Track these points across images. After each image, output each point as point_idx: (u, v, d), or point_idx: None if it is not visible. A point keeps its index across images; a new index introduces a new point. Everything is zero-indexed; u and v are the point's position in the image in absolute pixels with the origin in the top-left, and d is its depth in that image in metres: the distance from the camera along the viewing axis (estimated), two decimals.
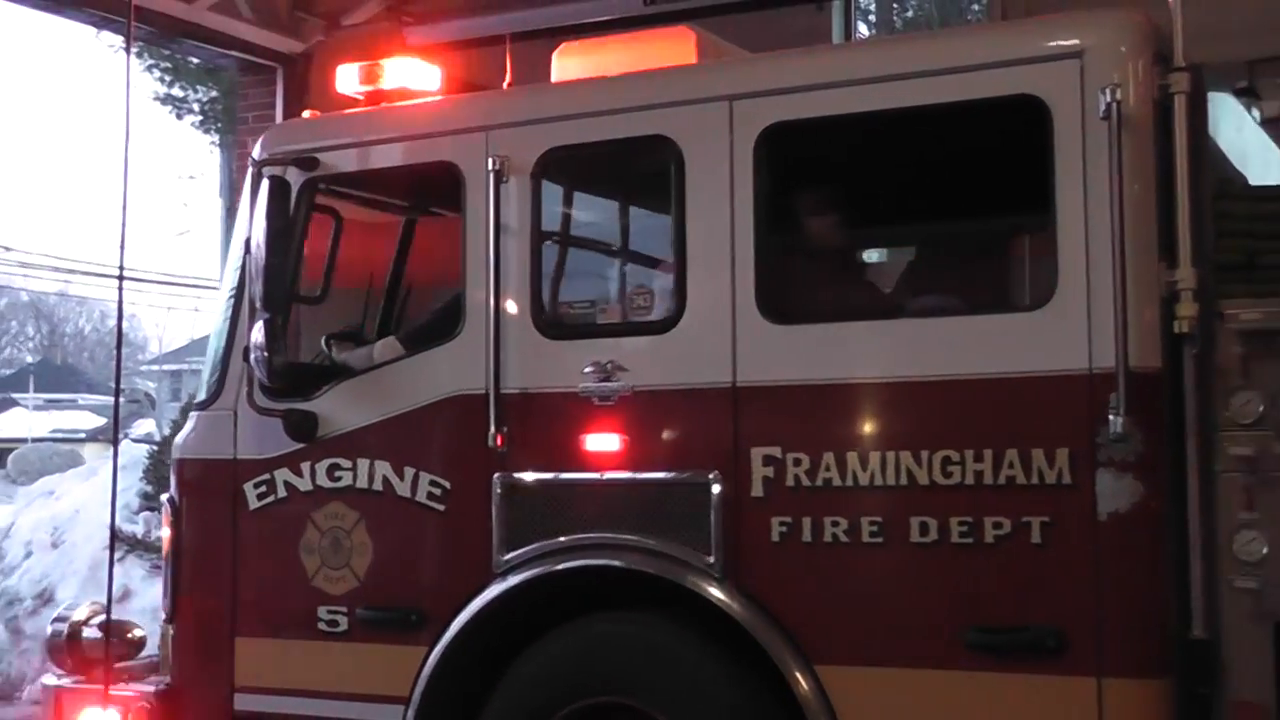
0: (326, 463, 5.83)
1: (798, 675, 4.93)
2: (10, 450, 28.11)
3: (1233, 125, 5.19)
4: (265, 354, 5.63)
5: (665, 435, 5.25)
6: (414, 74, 6.13)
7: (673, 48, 5.76)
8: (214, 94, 20.17)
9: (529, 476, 5.44)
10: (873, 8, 16.11)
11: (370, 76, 6.15)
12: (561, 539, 5.34)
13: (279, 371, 5.67)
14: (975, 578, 4.78)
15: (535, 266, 5.49)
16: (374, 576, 5.73)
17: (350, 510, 5.80)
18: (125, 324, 5.62)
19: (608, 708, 5.31)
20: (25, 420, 47.01)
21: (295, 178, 5.88)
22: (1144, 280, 4.66)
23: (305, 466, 5.86)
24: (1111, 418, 4.54)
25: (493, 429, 5.42)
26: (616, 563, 5.22)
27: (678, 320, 5.22)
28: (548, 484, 5.41)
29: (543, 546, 5.36)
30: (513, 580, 5.40)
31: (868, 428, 4.95)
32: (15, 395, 51.93)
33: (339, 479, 5.82)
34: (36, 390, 51.76)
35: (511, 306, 5.49)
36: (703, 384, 5.16)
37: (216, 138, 20.59)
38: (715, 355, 5.14)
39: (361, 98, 6.20)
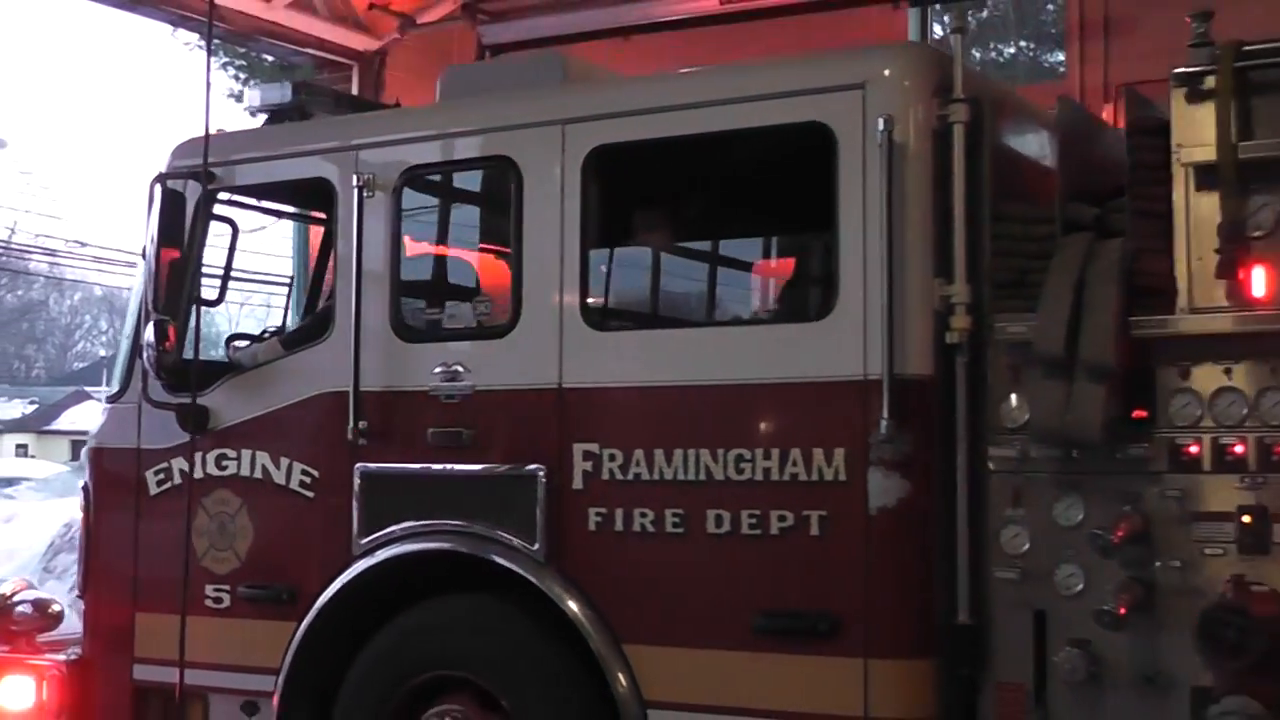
0: (215, 453, 6.22)
1: (606, 654, 5.26)
2: (84, 442, 28.90)
3: None
4: (155, 352, 6.04)
5: (502, 431, 5.59)
6: None
7: (544, 70, 6.11)
8: None
9: (385, 467, 5.80)
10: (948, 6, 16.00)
11: None
12: (410, 524, 5.71)
13: (168, 368, 6.08)
14: (762, 566, 5.08)
15: (394, 275, 5.85)
16: (253, 557, 6.12)
17: (235, 496, 6.18)
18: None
19: (452, 680, 5.68)
20: (98, 413, 48.10)
21: (194, 190, 6.30)
22: (919, 294, 4.94)
23: (197, 456, 6.26)
24: (880, 421, 4.86)
25: (352, 424, 5.81)
26: (448, 546, 5.58)
27: (513, 326, 5.55)
28: (401, 474, 5.77)
29: (394, 532, 5.73)
30: (367, 562, 5.78)
31: (672, 427, 5.26)
32: (88, 389, 53.03)
33: (225, 467, 6.20)
34: (109, 383, 52.92)
35: (373, 312, 5.84)
36: (533, 385, 5.50)
37: None
38: (544, 359, 5.47)
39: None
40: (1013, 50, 16.36)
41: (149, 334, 6.02)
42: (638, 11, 9.60)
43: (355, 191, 5.83)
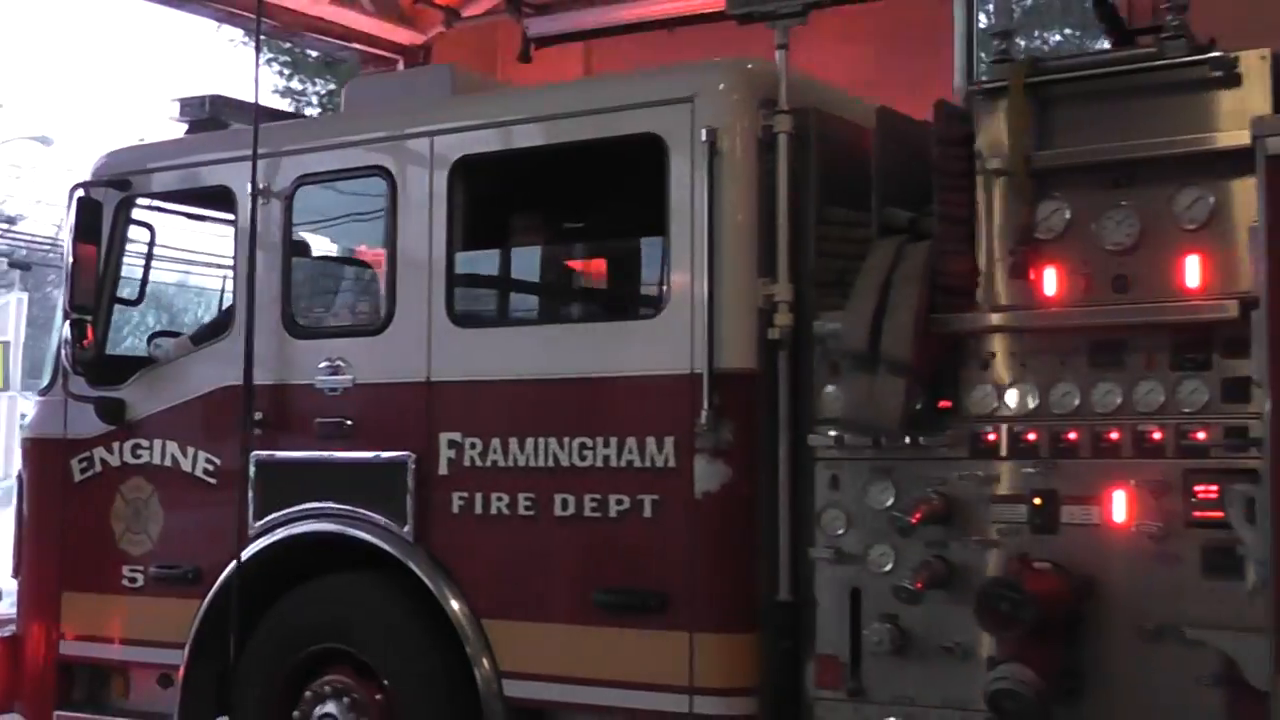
0: (131, 442, 6.60)
1: (466, 628, 5.60)
2: None
3: None
4: (70, 348, 6.42)
5: (378, 422, 5.93)
6: None
7: (432, 81, 6.44)
8: (332, 87, 20.29)
9: (277, 455, 6.16)
10: None
11: None
12: (299, 508, 6.06)
13: (83, 363, 6.46)
14: (602, 547, 5.41)
15: (286, 276, 6.20)
16: (164, 540, 6.49)
17: (148, 483, 6.55)
18: None
19: (336, 652, 6.02)
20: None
21: (112, 197, 6.67)
22: (743, 293, 5.24)
23: (115, 445, 6.63)
24: (702, 412, 5.17)
25: (246, 415, 6.16)
26: (329, 529, 5.93)
27: (388, 324, 5.90)
28: (290, 461, 6.13)
29: (284, 515, 6.09)
30: (260, 543, 6.14)
31: (525, 417, 5.58)
32: None
33: (140, 456, 6.57)
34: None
35: (267, 310, 6.20)
36: (405, 379, 5.84)
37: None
38: (415, 355, 5.81)
39: None
40: (1058, 38, 16.30)
41: (65, 332, 6.41)
42: (683, 3, 9.43)
43: (250, 198, 6.21)
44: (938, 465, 5.06)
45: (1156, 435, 4.75)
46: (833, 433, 5.19)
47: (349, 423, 5.93)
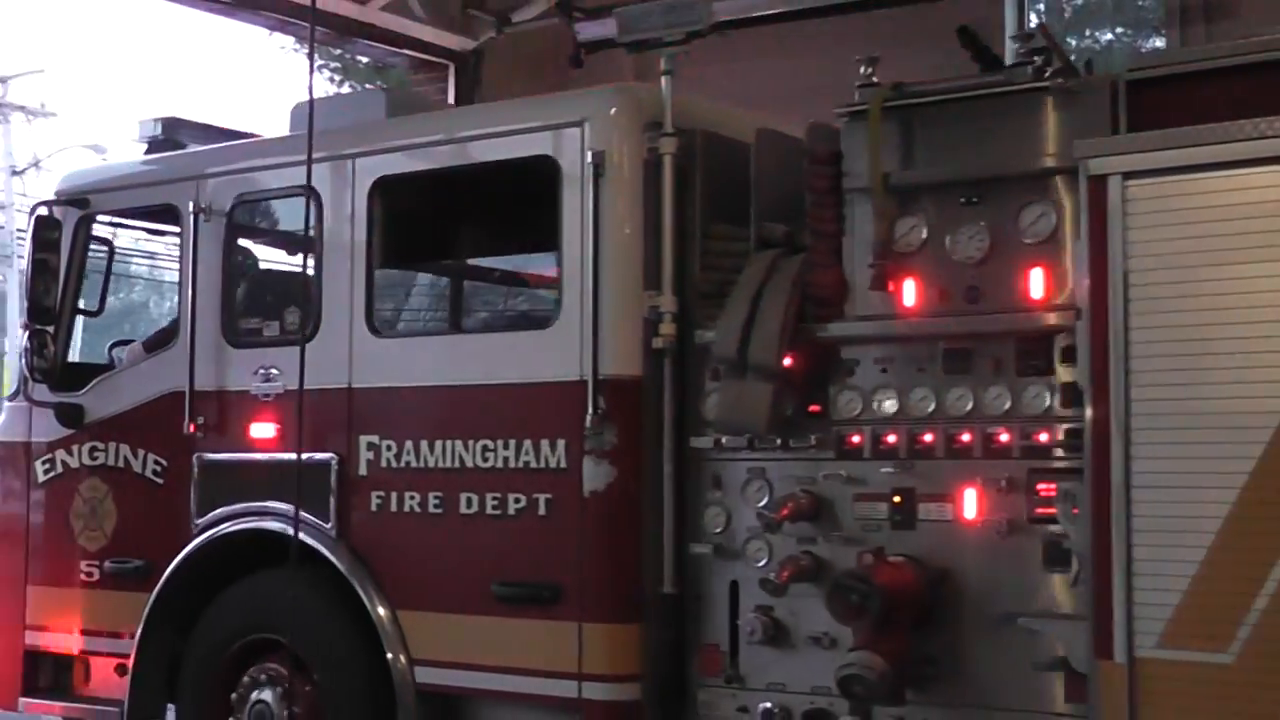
0: (89, 445, 6.98)
1: (383, 618, 5.93)
2: None
3: None
4: (29, 357, 6.82)
5: (308, 425, 6.26)
6: None
7: (369, 105, 6.78)
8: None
9: (216, 456, 6.52)
10: None
11: None
12: (236, 506, 6.42)
13: (41, 372, 6.85)
14: (501, 542, 5.73)
15: (226, 290, 6.57)
16: (118, 537, 6.87)
17: (103, 483, 6.93)
18: None
19: (270, 642, 6.36)
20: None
21: (71, 215, 7.06)
22: (629, 305, 5.55)
23: (75, 448, 7.01)
24: (587, 416, 5.47)
25: (188, 419, 6.53)
26: (260, 525, 6.28)
27: (315, 334, 6.24)
28: (228, 462, 6.49)
29: (222, 513, 6.45)
30: (201, 539, 6.50)
31: (434, 421, 5.91)
32: None
33: (96, 458, 6.95)
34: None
35: (208, 321, 6.57)
36: (329, 385, 6.17)
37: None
38: (338, 363, 6.14)
39: None
40: (1109, 37, 16.26)
41: (24, 342, 6.81)
42: (737, 5, 9.59)
43: (193, 216, 6.58)
44: (807, 466, 5.35)
45: (1003, 437, 5.02)
46: (713, 435, 5.52)
47: (279, 427, 6.29)
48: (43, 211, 6.90)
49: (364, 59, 15.98)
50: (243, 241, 6.71)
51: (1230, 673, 4.35)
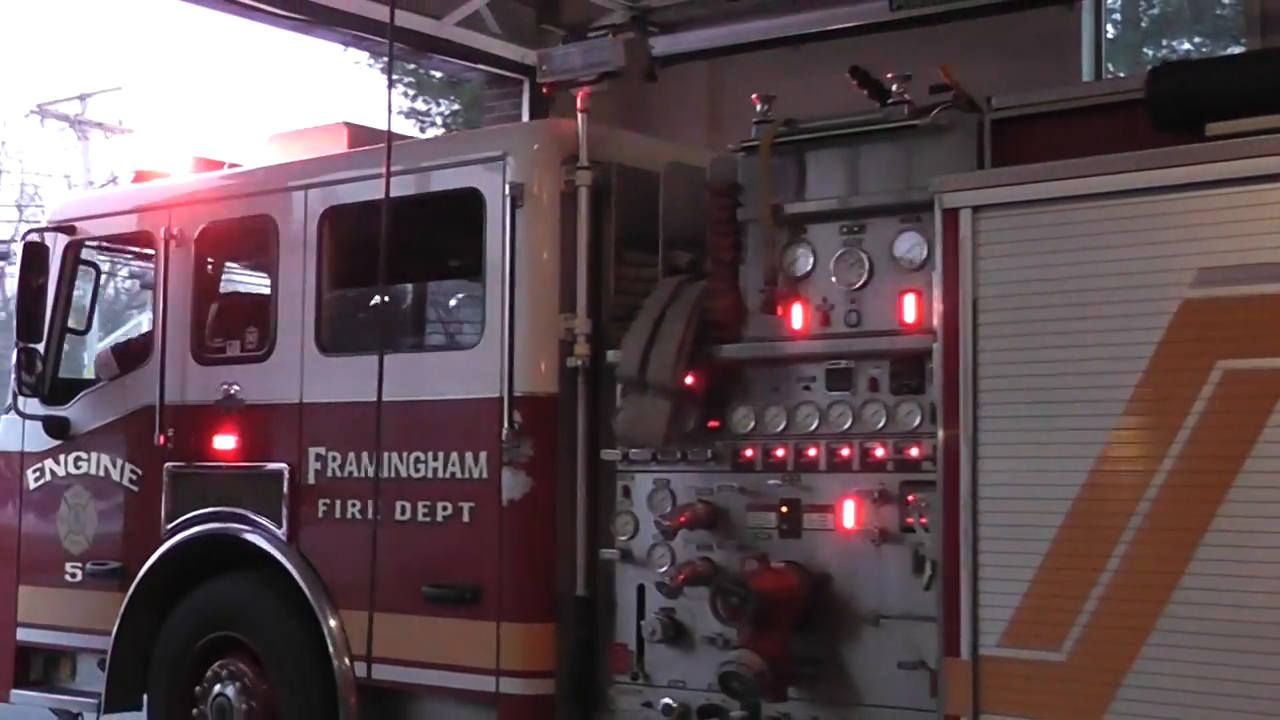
0: (74, 455, 7.47)
1: (328, 617, 6.35)
2: None
3: None
4: (18, 373, 7.32)
5: (263, 437, 6.72)
6: None
7: (330, 140, 7.22)
8: (456, 107, 20.33)
9: (183, 466, 6.98)
10: (1118, 6, 14.61)
11: None
12: (201, 512, 6.87)
13: (29, 387, 7.35)
14: (431, 547, 6.15)
15: (196, 311, 7.04)
16: (98, 541, 7.36)
17: (86, 491, 7.42)
18: None
19: (231, 639, 6.80)
20: None
21: (60, 240, 7.56)
22: (546, 327, 5.94)
23: (61, 458, 7.51)
24: (503, 430, 5.87)
25: (158, 431, 7.00)
26: (219, 529, 6.72)
27: (270, 353, 6.68)
28: (195, 471, 6.95)
29: (188, 518, 6.90)
30: (169, 543, 6.96)
31: (372, 434, 6.31)
32: None
33: (80, 467, 7.45)
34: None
35: (177, 341, 7.03)
36: (283, 400, 6.62)
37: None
38: (290, 379, 6.59)
39: None
40: (1188, 47, 16.07)
41: (14, 359, 7.32)
42: (806, 20, 9.38)
43: (164, 243, 7.05)
44: (705, 477, 5.72)
45: (879, 452, 5.36)
46: (621, 449, 5.89)
47: (239, 439, 6.74)
48: (33, 238, 7.42)
49: (438, 74, 15.99)
50: (210, 267, 7.18)
51: (1062, 669, 4.66)
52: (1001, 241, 4.88)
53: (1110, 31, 11.50)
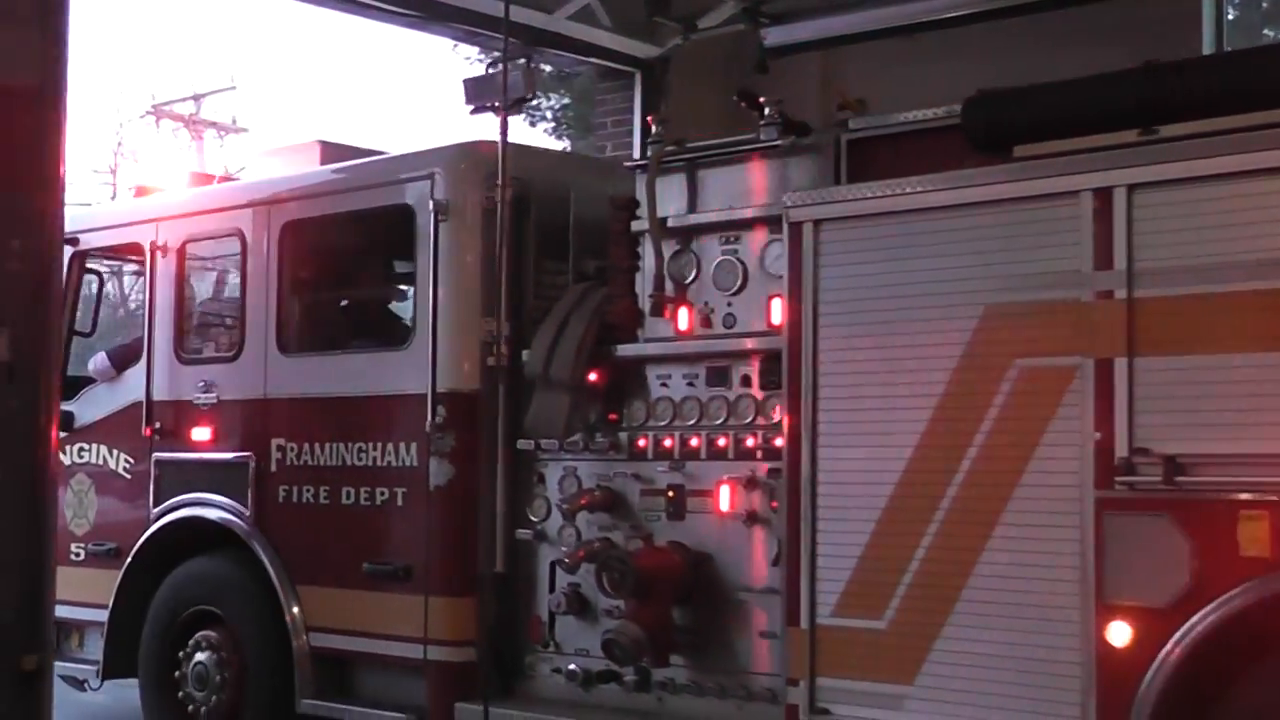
0: (78, 445, 8.27)
1: (284, 593, 7.06)
2: None
3: None
4: None
5: (234, 429, 7.45)
6: None
7: (305, 157, 7.93)
8: (566, 101, 20.54)
9: (168, 455, 7.73)
10: None
11: None
12: (183, 497, 7.62)
13: None
14: (370, 529, 6.84)
15: (179, 315, 7.79)
16: (97, 523, 8.15)
17: (88, 478, 8.22)
18: None
19: (210, 613, 7.54)
20: None
21: (66, 251, 8.31)
22: (469, 329, 6.58)
23: (67, 448, 8.30)
24: (428, 423, 6.52)
25: (145, 424, 7.76)
26: (194, 514, 7.45)
27: (240, 353, 7.40)
28: (178, 460, 7.70)
29: (171, 504, 7.66)
30: (154, 526, 7.71)
31: (325, 426, 7.02)
32: None
33: (83, 456, 8.25)
34: None
35: (166, 342, 7.79)
36: (250, 396, 7.35)
37: (568, 144, 20.26)
38: (256, 377, 7.32)
39: None
40: None
41: None
42: (922, 8, 9.24)
43: (151, 254, 7.81)
44: (605, 465, 6.34)
45: (749, 442, 5.93)
46: (534, 439, 6.51)
47: (215, 431, 7.48)
48: None
49: (548, 68, 15.67)
50: (192, 275, 7.94)
51: (883, 636, 5.23)
52: (839, 251, 5.44)
53: (1231, 13, 11.36)
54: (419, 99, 55.63)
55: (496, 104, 6.58)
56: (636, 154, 9.19)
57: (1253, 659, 4.55)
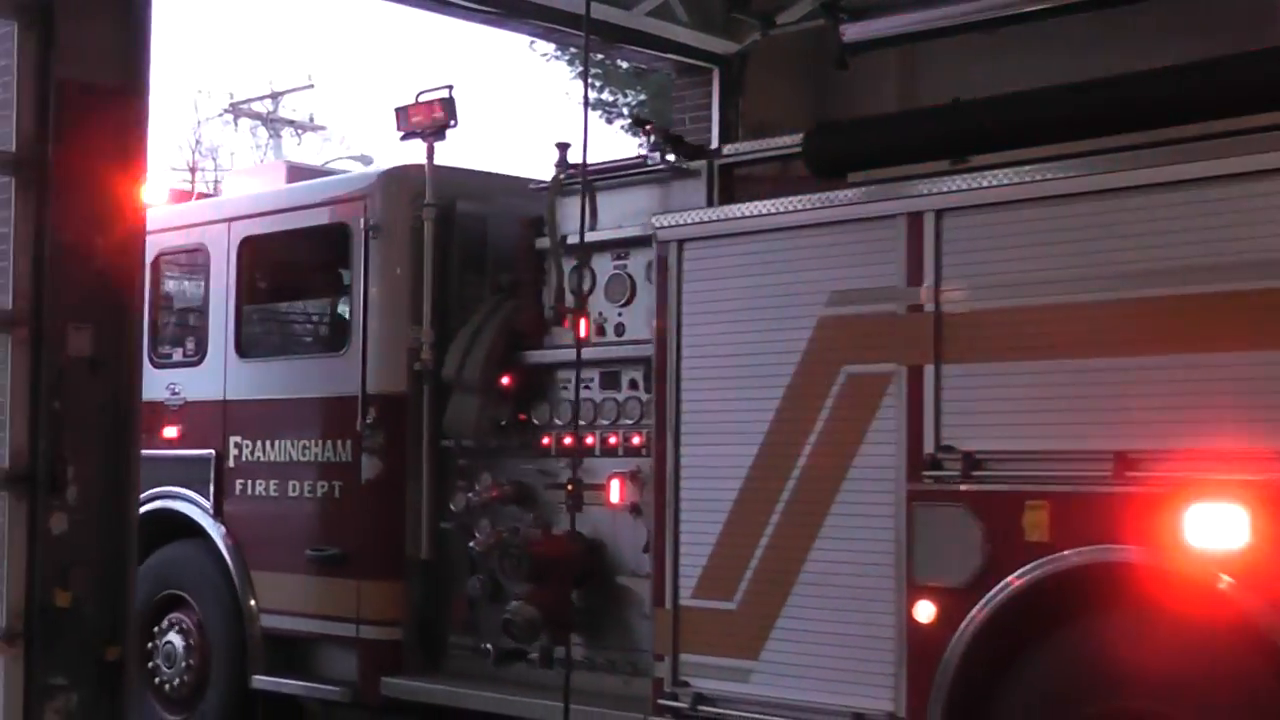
0: None
1: (239, 578, 7.78)
2: None
3: None
4: None
5: (198, 428, 8.17)
6: None
7: (272, 176, 8.64)
8: (642, 97, 20.44)
9: (146, 452, 8.44)
10: None
11: None
12: (157, 490, 8.35)
13: None
14: (312, 519, 7.56)
15: (152, 323, 8.51)
16: None
17: None
18: None
19: (180, 597, 8.27)
20: None
21: None
22: (397, 337, 7.26)
23: None
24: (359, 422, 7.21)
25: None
26: (164, 506, 8.19)
27: (203, 359, 8.13)
28: (151, 457, 8.31)
29: (146, 495, 8.35)
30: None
31: (274, 425, 7.73)
32: None
33: None
34: None
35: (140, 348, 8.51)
36: (212, 398, 8.07)
37: (645, 141, 20.64)
38: (217, 380, 8.05)
39: None
40: None
41: None
42: (1002, 2, 8.91)
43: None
44: (516, 461, 6.98)
45: (635, 440, 6.56)
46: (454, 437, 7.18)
47: (182, 429, 8.22)
48: None
49: (624, 64, 15.71)
50: (168, 288, 8.69)
51: (734, 615, 5.84)
52: (700, 268, 6.05)
53: None
54: (495, 95, 56.12)
55: (425, 130, 7.26)
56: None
57: (1036, 632, 5.12)
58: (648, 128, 6.67)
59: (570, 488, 6.76)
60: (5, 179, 4.88)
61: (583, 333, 6.78)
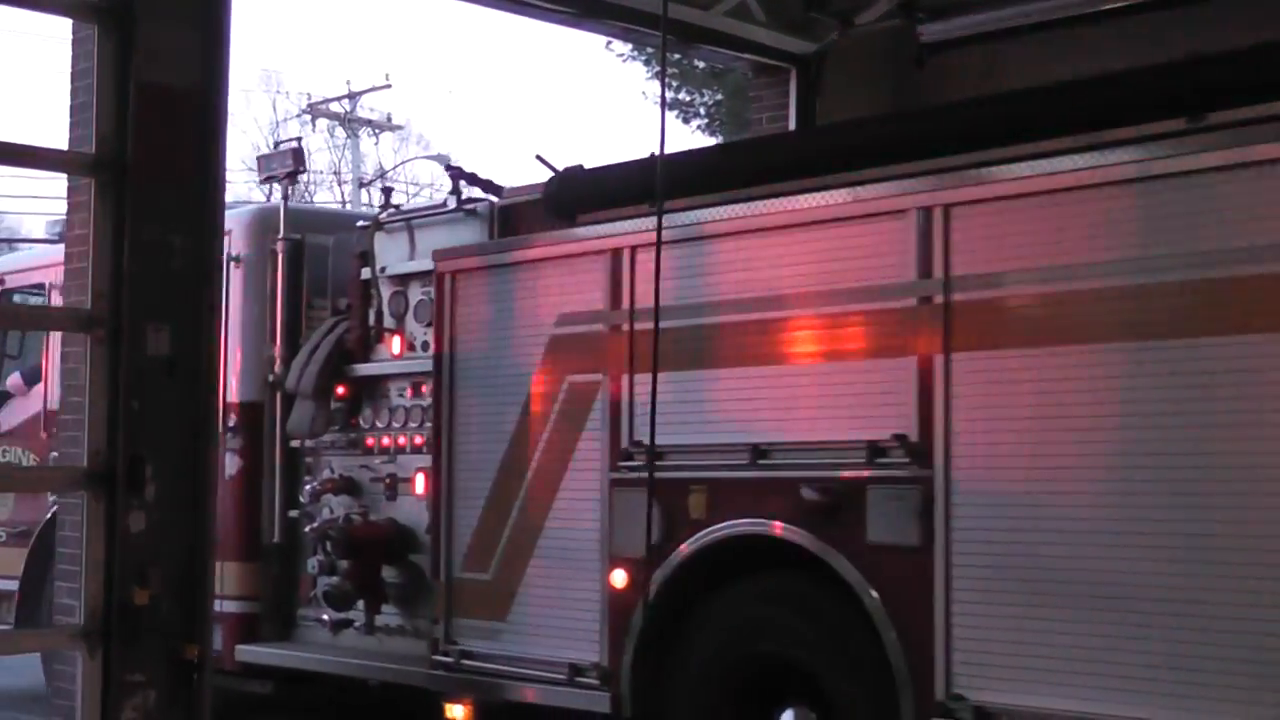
0: (2, 447, 10.52)
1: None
2: None
3: None
4: None
5: None
6: None
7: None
8: (719, 97, 20.72)
9: (59, 453, 9.91)
10: None
11: None
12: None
13: None
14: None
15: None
16: (16, 509, 10.36)
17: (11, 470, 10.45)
18: None
19: None
20: None
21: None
22: (256, 353, 8.64)
23: None
24: (223, 426, 8.58)
25: (42, 430, 9.95)
26: None
27: None
28: (69, 459, 9.87)
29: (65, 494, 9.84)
30: (50, 510, 9.90)
31: None
32: None
33: (5, 455, 10.47)
34: None
35: (57, 364, 9.97)
36: None
37: (722, 140, 20.14)
38: None
39: None
40: None
41: None
42: (1085, 1, 9.10)
43: (49, 292, 10.01)
44: (348, 459, 8.35)
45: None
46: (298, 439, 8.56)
47: None
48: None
49: (701, 64, 15.97)
50: None
51: (489, 584, 7.18)
52: (469, 297, 7.40)
53: None
54: (572, 95, 56.02)
55: (282, 174, 8.67)
56: None
57: (697, 591, 6.42)
58: (451, 172, 8.03)
59: (388, 481, 8.15)
60: (85, 180, 5.13)
61: (398, 350, 8.16)
